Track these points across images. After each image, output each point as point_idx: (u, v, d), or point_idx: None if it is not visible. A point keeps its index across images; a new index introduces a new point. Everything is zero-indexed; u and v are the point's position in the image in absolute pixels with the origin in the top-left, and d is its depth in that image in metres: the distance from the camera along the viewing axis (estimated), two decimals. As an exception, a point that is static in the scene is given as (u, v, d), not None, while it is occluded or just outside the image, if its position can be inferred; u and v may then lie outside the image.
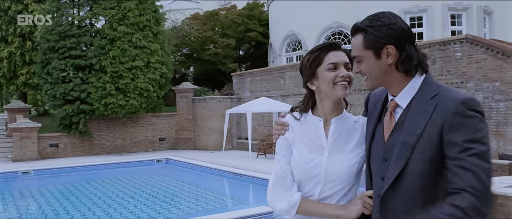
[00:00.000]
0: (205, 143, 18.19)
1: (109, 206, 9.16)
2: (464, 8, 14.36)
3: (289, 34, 19.45)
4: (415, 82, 1.58)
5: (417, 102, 1.55)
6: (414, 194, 1.52)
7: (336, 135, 1.77)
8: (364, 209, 1.66)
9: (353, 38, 1.64)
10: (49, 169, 13.27)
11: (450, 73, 10.67)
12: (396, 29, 1.55)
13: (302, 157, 1.76)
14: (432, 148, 1.47)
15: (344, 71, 1.71)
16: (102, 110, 16.11)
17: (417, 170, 1.50)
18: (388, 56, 1.56)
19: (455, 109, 1.44)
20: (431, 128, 1.48)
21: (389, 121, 1.64)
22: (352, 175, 1.75)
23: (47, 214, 8.61)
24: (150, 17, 17.06)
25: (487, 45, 10.05)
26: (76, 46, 16.35)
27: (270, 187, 1.81)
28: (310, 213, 1.75)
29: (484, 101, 10.12)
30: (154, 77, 16.91)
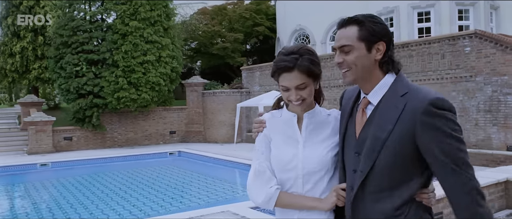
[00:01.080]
0: (215, 136, 18.51)
1: (129, 196, 9.51)
2: (471, 3, 14.61)
3: (297, 28, 19.70)
4: (386, 81, 1.68)
5: (388, 99, 1.64)
6: (384, 186, 1.62)
7: (309, 128, 1.86)
8: (338, 201, 1.77)
9: (344, 29, 1.68)
10: (66, 161, 13.61)
11: (459, 67, 10.95)
12: (388, 30, 1.68)
13: (279, 151, 1.86)
14: (402, 144, 1.57)
15: (294, 95, 1.77)
16: (115, 104, 16.42)
17: (387, 163, 1.59)
18: (377, 52, 1.65)
19: (424, 108, 1.53)
20: (401, 125, 1.57)
21: (361, 117, 1.73)
22: (328, 163, 1.83)
23: (70, 204, 8.93)
24: (161, 12, 17.32)
25: (496, 40, 10.32)
26: (88, 41, 16.65)
27: (250, 181, 1.89)
28: (288, 205, 1.83)
29: (493, 95, 10.41)
30: (165, 71, 17.21)
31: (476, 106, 10.72)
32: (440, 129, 1.52)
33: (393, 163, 1.58)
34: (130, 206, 8.68)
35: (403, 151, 1.57)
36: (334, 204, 1.77)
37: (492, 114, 10.46)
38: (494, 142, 10.46)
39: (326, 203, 1.78)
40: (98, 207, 8.65)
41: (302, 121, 1.87)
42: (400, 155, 1.57)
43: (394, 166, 1.59)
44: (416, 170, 1.61)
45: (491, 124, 10.48)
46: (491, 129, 10.49)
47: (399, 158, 1.57)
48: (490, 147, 10.49)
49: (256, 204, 1.90)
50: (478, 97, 10.65)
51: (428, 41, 11.68)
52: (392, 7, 15.39)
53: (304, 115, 1.86)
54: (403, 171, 1.59)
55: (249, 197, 1.90)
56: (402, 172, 1.60)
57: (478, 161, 10.29)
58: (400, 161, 1.58)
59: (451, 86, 11.12)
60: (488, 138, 10.55)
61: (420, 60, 11.78)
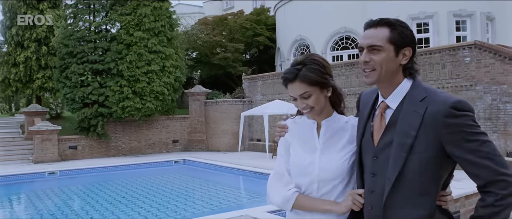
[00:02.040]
0: (217, 144, 18.77)
1: (141, 203, 9.74)
2: (468, 15, 15.12)
3: (297, 38, 20.11)
4: (404, 86, 1.71)
5: (408, 104, 1.66)
6: (412, 191, 1.63)
7: (327, 135, 1.91)
8: (353, 206, 1.79)
9: (374, 29, 1.70)
10: (74, 170, 13.81)
11: (460, 77, 11.37)
12: (415, 38, 1.73)
13: (297, 156, 1.92)
14: (428, 149, 1.60)
15: (301, 104, 1.87)
16: (119, 113, 16.65)
17: (416, 168, 1.61)
18: (404, 57, 1.69)
19: (446, 112, 1.56)
20: (425, 130, 1.59)
21: (380, 121, 1.75)
22: (344, 172, 1.88)
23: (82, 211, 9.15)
24: (165, 23, 17.63)
25: (495, 51, 10.76)
26: (93, 51, 16.90)
27: (269, 183, 1.99)
28: (305, 207, 1.88)
29: (492, 103, 10.83)
30: (169, 81, 17.48)
31: (476, 115, 11.09)
32: (466, 129, 1.56)
33: (421, 167, 1.61)
34: (145, 212, 8.91)
35: (429, 155, 1.60)
36: (350, 208, 1.80)
37: (492, 121, 10.87)
38: (494, 149, 10.83)
39: (342, 207, 1.82)
40: (113, 213, 8.87)
41: (320, 128, 1.93)
42: (426, 158, 1.60)
43: (422, 171, 1.61)
44: (443, 173, 1.66)
45: (491, 131, 10.88)
46: (491, 136, 10.88)
47: (427, 162, 1.60)
48: (491, 153, 10.85)
49: (274, 205, 1.97)
50: (478, 105, 11.06)
51: (429, 51, 12.11)
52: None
53: (322, 122, 1.92)
54: (431, 175, 1.63)
55: (268, 197, 1.98)
56: (430, 177, 1.63)
57: (479, 167, 10.66)
58: (428, 165, 1.61)
59: (452, 95, 11.50)
60: (489, 145, 10.92)
61: (421, 70, 12.17)
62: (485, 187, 1.58)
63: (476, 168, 1.57)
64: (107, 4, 17.73)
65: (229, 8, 36.62)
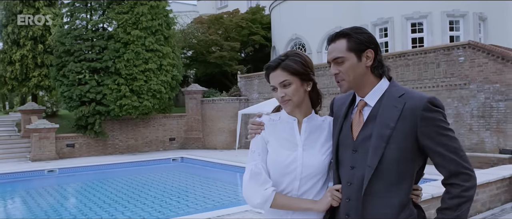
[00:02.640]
0: (214, 142, 18.93)
1: (144, 199, 9.90)
2: (461, 15, 15.43)
3: (293, 38, 20.32)
4: (382, 85, 1.82)
5: (387, 100, 1.78)
6: (390, 180, 1.73)
7: (307, 132, 1.92)
8: (333, 201, 1.82)
9: (333, 44, 1.83)
10: (73, 168, 13.88)
11: (454, 75, 11.65)
12: (374, 38, 1.84)
13: (278, 154, 1.88)
14: (405, 139, 1.71)
15: (280, 93, 1.87)
16: (117, 111, 16.74)
17: (393, 158, 1.72)
18: (367, 59, 1.80)
19: (424, 106, 1.70)
20: (403, 121, 1.71)
21: (358, 118, 1.84)
22: (325, 168, 1.91)
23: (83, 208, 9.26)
24: (162, 21, 17.75)
25: (488, 51, 11.05)
26: (91, 49, 16.97)
27: (245, 183, 1.90)
28: (284, 206, 1.86)
29: (485, 102, 11.13)
30: (166, 79, 17.60)
31: (470, 112, 11.42)
32: (439, 123, 1.70)
33: (398, 157, 1.71)
34: (149, 208, 9.06)
35: (406, 146, 1.71)
36: (329, 204, 1.83)
37: (485, 119, 11.17)
38: (487, 146, 11.15)
39: (321, 204, 1.83)
40: (116, 209, 9.01)
41: (300, 125, 1.93)
42: (404, 149, 1.71)
43: (400, 160, 1.72)
44: (416, 165, 1.77)
45: (484, 129, 11.18)
46: (484, 133, 11.19)
47: (403, 153, 1.71)
48: (484, 150, 11.17)
49: (252, 206, 1.91)
50: (472, 103, 11.36)
51: (424, 51, 12.38)
52: (386, 18, 16.12)
53: (303, 119, 1.93)
54: (407, 165, 1.74)
55: (245, 198, 1.92)
56: (406, 167, 1.74)
57: (472, 164, 10.81)
58: (404, 155, 1.72)
59: (446, 94, 11.81)
60: (482, 142, 11.24)
61: (416, 69, 12.46)
62: (450, 178, 1.72)
63: (444, 160, 1.70)
64: (104, 3, 17.79)
65: (223, 6, 36.68)
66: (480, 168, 10.53)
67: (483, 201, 5.59)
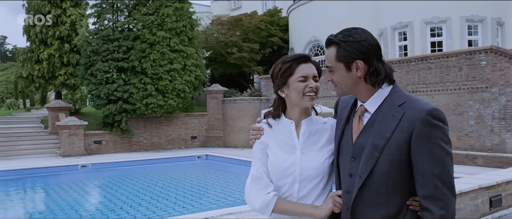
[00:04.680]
0: (235, 141, 19.46)
1: (179, 194, 10.43)
2: (480, 20, 15.88)
3: (312, 40, 20.83)
4: (383, 91, 1.73)
5: (386, 108, 1.69)
6: (381, 190, 1.66)
7: (306, 135, 1.90)
8: (334, 207, 1.78)
9: (327, 50, 1.78)
10: (105, 163, 14.48)
11: (476, 79, 12.11)
12: (366, 46, 1.69)
13: (277, 157, 1.88)
14: (399, 151, 1.62)
15: (313, 83, 1.85)
16: (143, 109, 17.31)
17: (385, 169, 1.64)
18: (357, 70, 1.70)
19: (422, 118, 1.58)
20: (399, 133, 1.62)
21: (358, 123, 1.77)
22: (324, 170, 1.88)
23: (119, 200, 9.77)
24: (186, 23, 18.31)
25: (510, 55, 11.51)
26: (118, 49, 17.55)
27: (247, 187, 1.91)
28: (285, 212, 1.84)
29: (507, 104, 11.58)
30: (189, 79, 18.16)
31: (491, 114, 11.88)
32: (434, 140, 1.58)
33: (390, 169, 1.64)
34: (185, 203, 9.50)
35: (400, 158, 1.62)
36: (331, 210, 1.79)
37: (506, 121, 11.62)
38: (508, 146, 11.60)
39: (323, 210, 1.80)
40: (150, 203, 9.48)
41: (299, 127, 1.92)
42: (397, 161, 1.63)
43: (391, 172, 1.64)
44: (412, 176, 1.65)
45: (505, 130, 11.63)
46: (505, 134, 11.64)
47: (396, 165, 1.63)
48: (504, 151, 11.63)
49: (253, 210, 1.91)
50: (493, 106, 11.81)
51: (446, 55, 12.84)
52: (406, 22, 16.59)
53: (302, 121, 1.91)
54: (400, 177, 1.65)
55: (247, 202, 1.92)
56: (399, 179, 1.65)
57: (493, 163, 11.44)
58: (397, 167, 1.63)
59: (468, 96, 12.27)
60: (503, 143, 11.69)
61: (438, 72, 12.92)
62: (423, 201, 1.61)
63: (424, 180, 1.60)
64: (130, 4, 18.37)
65: (237, 8, 37.30)
66: (501, 167, 11.01)
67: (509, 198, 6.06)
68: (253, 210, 1.94)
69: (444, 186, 1.57)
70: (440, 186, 1.57)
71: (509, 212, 5.69)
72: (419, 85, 13.24)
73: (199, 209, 8.77)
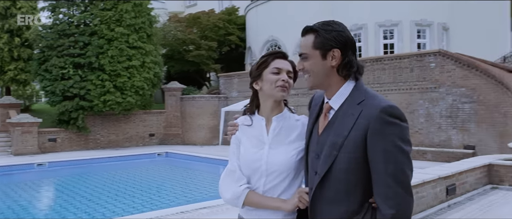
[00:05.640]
0: (193, 138, 19.53)
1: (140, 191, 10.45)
2: (428, 24, 16.97)
3: (270, 39, 21.27)
4: (346, 88, 1.73)
5: (347, 106, 1.70)
6: (340, 188, 1.67)
7: (276, 131, 1.95)
8: (299, 203, 1.82)
9: (303, 38, 1.78)
10: (62, 161, 14.11)
11: (426, 79, 13.00)
12: (344, 37, 1.71)
13: (246, 152, 1.95)
14: (356, 149, 1.63)
15: (285, 77, 1.91)
16: (101, 107, 16.99)
17: (343, 167, 1.65)
18: (332, 59, 1.70)
19: (376, 115, 1.59)
20: (356, 131, 1.63)
21: (323, 120, 1.79)
22: (291, 167, 1.90)
23: (77, 198, 9.59)
24: (145, 19, 18.16)
25: (456, 58, 12.46)
26: (74, 44, 17.09)
27: (221, 179, 1.99)
28: (255, 204, 1.90)
29: (453, 103, 12.53)
30: (148, 76, 18.03)
31: (439, 113, 12.80)
32: (389, 138, 1.58)
33: (347, 167, 1.65)
34: (145, 200, 9.45)
35: (357, 156, 1.63)
36: (296, 205, 1.83)
37: (452, 119, 12.58)
38: (453, 142, 12.57)
39: (289, 204, 1.85)
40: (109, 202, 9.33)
41: (270, 123, 1.96)
42: (354, 159, 1.63)
43: (349, 170, 1.65)
44: (368, 175, 1.65)
45: (452, 127, 12.59)
46: (451, 131, 12.60)
47: (353, 163, 1.64)
48: (450, 146, 12.58)
49: (225, 200, 1.97)
50: (441, 105, 12.74)
51: (399, 56, 13.67)
52: (360, 24, 17.40)
53: (273, 118, 1.96)
54: (359, 175, 1.65)
55: (220, 193, 1.99)
56: (358, 177, 1.65)
57: (441, 158, 12.34)
58: (354, 165, 1.64)
59: (418, 96, 13.15)
60: (449, 139, 12.65)
61: (391, 73, 13.72)
62: (376, 198, 1.62)
63: (379, 178, 1.60)
64: (86, -1, 17.95)
65: (192, 5, 37.12)
66: (448, 161, 11.92)
67: (470, 183, 6.82)
68: (225, 201, 1.98)
69: (396, 185, 1.56)
70: (392, 184, 1.56)
71: (462, 199, 6.35)
72: (374, 85, 13.98)
73: (159, 206, 8.77)
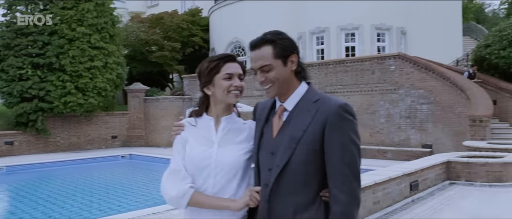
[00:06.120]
0: (157, 140, 19.35)
1: (106, 195, 10.31)
2: (387, 28, 17.65)
3: (233, 41, 21.42)
4: (301, 89, 1.84)
5: (302, 104, 1.80)
6: (297, 180, 1.75)
7: (225, 130, 1.95)
8: (250, 202, 1.83)
9: (258, 50, 1.80)
10: (22, 165, 13.64)
11: (386, 81, 13.55)
12: (294, 42, 1.83)
13: (193, 150, 1.91)
14: (314, 142, 1.73)
15: (238, 82, 1.90)
16: (61, 108, 16.52)
17: (301, 159, 1.74)
18: (292, 64, 1.81)
19: (335, 111, 1.70)
20: (313, 125, 1.73)
21: (278, 121, 1.86)
22: (240, 166, 1.91)
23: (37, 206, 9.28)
24: (108, 19, 17.83)
25: (414, 62, 13.08)
26: (33, 44, 16.54)
27: (164, 178, 1.92)
28: (202, 204, 1.86)
29: (411, 104, 13.14)
30: (111, 77, 17.70)
31: (399, 113, 13.38)
32: (345, 132, 1.71)
33: (306, 159, 1.73)
34: (111, 204, 9.26)
35: (315, 148, 1.73)
36: (246, 204, 1.83)
37: (411, 119, 13.18)
38: (412, 142, 13.17)
39: (239, 203, 1.84)
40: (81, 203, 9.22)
41: (219, 124, 1.96)
42: (312, 151, 1.73)
43: (307, 162, 1.74)
44: (325, 166, 1.75)
45: (410, 127, 13.19)
46: (410, 131, 13.20)
47: (311, 155, 1.73)
48: (409, 145, 13.18)
49: (168, 199, 1.90)
50: (401, 106, 13.32)
51: (361, 59, 14.17)
52: (323, 27, 17.86)
53: (222, 118, 1.95)
54: (315, 167, 1.74)
55: (162, 193, 1.92)
56: (315, 168, 1.74)
57: (401, 156, 12.90)
58: (312, 157, 1.73)
59: (379, 97, 13.68)
60: (408, 138, 13.24)
61: (354, 75, 14.20)
62: (332, 190, 1.72)
63: (334, 171, 1.71)
64: (46, -4, 17.41)
65: (154, 5, 36.70)
66: (407, 160, 12.47)
67: (431, 179, 7.27)
68: (168, 201, 1.90)
69: (351, 174, 1.69)
70: (348, 173, 1.68)
71: (424, 194, 6.75)
72: (336, 86, 14.42)
73: (127, 209, 8.70)
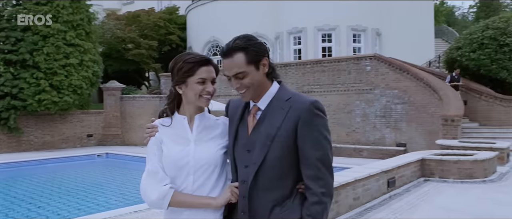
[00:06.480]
0: (134, 139, 19.16)
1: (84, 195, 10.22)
2: (362, 30, 18.04)
3: (211, 40, 21.43)
4: (272, 90, 1.89)
5: (275, 103, 1.86)
6: (274, 175, 1.82)
7: (200, 128, 1.97)
8: (231, 197, 1.87)
9: (231, 58, 1.82)
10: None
11: (362, 82, 13.86)
12: (263, 44, 1.88)
13: (171, 150, 1.91)
14: (287, 138, 1.79)
15: (210, 87, 1.92)
16: (35, 106, 16.17)
17: (277, 155, 1.80)
18: (264, 67, 1.85)
19: (307, 108, 1.77)
20: (287, 122, 1.79)
21: (252, 120, 1.91)
22: (217, 161, 1.94)
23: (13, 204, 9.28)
24: (84, 16, 17.57)
25: (389, 62, 13.43)
26: (5, 40, 16.14)
27: (143, 181, 1.91)
28: (182, 204, 1.88)
29: (386, 104, 13.49)
30: (87, 75, 17.44)
31: (374, 113, 13.71)
32: (317, 127, 1.78)
33: (281, 155, 1.80)
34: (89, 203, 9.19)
35: (289, 144, 1.79)
36: (228, 200, 1.87)
37: (386, 118, 13.53)
38: (387, 140, 13.52)
39: (220, 199, 1.87)
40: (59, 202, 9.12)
41: (192, 122, 1.97)
42: (287, 147, 1.79)
43: (282, 157, 1.80)
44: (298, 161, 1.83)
45: (385, 126, 13.53)
46: (385, 130, 13.55)
47: (286, 150, 1.80)
48: (384, 144, 13.53)
49: (149, 202, 1.90)
50: (376, 105, 13.65)
51: (338, 59, 14.45)
52: (301, 27, 18.10)
53: (195, 116, 1.97)
54: (290, 162, 1.82)
55: (142, 196, 1.91)
56: (290, 163, 1.82)
57: (376, 155, 13.22)
58: (286, 153, 1.80)
59: (355, 97, 13.98)
60: (383, 137, 13.59)
61: (330, 75, 14.46)
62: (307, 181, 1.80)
63: (308, 163, 1.78)
64: (18, -9, 17.02)
65: (129, 3, 36.27)
66: (382, 158, 12.80)
67: (407, 176, 7.54)
68: (149, 204, 1.90)
69: (324, 167, 1.77)
70: (321, 167, 1.76)
71: (400, 191, 7.00)
72: (313, 86, 14.65)
73: (106, 207, 8.64)
